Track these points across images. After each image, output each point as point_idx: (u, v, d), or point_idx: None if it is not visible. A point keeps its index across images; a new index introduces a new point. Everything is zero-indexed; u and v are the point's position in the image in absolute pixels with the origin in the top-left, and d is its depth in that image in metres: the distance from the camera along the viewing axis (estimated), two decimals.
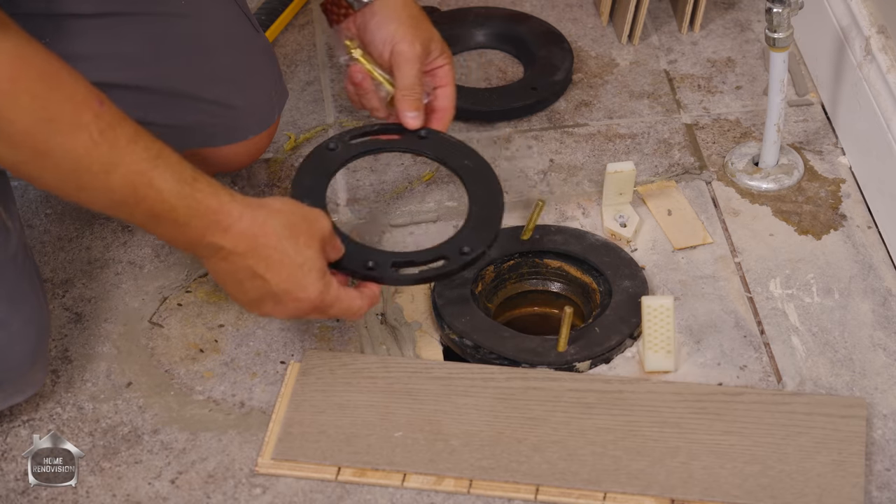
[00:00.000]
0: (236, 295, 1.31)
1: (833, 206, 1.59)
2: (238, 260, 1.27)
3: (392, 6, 1.46)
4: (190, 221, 1.24)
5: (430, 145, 1.47)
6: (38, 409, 1.39)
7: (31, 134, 1.15)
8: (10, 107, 1.13)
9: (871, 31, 1.59)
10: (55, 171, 1.18)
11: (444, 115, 1.49)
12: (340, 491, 1.32)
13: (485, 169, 1.45)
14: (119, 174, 1.20)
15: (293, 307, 1.30)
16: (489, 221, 1.41)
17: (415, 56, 1.44)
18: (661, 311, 1.38)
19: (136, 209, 1.22)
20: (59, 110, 1.16)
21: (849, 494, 1.28)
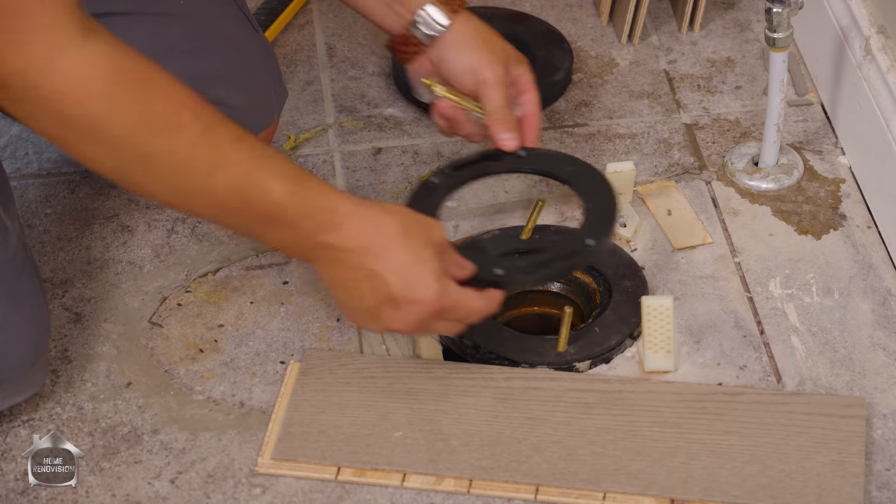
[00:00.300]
0: (353, 303, 1.26)
1: (833, 206, 1.59)
2: (352, 259, 1.23)
3: (463, 35, 1.46)
4: (300, 222, 1.22)
5: (531, 161, 1.47)
6: (38, 409, 1.39)
7: (130, 136, 1.14)
8: (108, 109, 1.13)
9: (871, 31, 1.59)
10: (158, 174, 1.16)
11: (532, 120, 1.48)
12: (340, 491, 1.32)
13: (589, 169, 1.46)
14: (224, 175, 1.18)
15: (412, 312, 1.26)
16: (605, 214, 1.41)
17: (499, 80, 1.45)
18: (660, 310, 1.38)
19: (245, 213, 1.20)
20: (157, 111, 1.15)
21: (848, 494, 1.28)
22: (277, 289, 1.51)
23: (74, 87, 1.11)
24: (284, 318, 1.48)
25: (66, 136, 1.14)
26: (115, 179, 1.19)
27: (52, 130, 1.14)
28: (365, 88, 1.75)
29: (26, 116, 1.14)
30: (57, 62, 1.10)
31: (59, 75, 1.10)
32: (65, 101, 1.11)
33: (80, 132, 1.13)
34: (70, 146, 1.16)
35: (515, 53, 1.48)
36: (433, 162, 1.65)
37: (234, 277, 1.52)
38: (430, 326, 1.29)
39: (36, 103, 1.12)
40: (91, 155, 1.16)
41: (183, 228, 1.57)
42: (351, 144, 1.68)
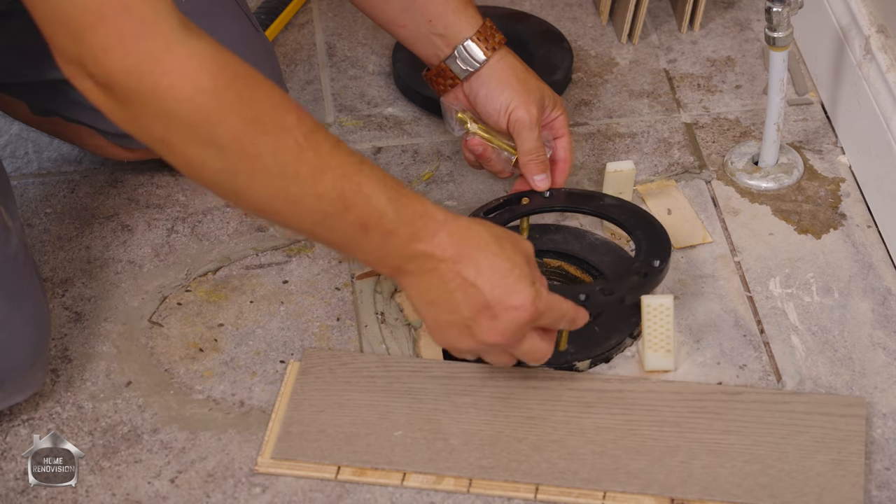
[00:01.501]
0: (447, 317, 1.24)
1: (833, 206, 1.59)
2: (447, 268, 1.22)
3: (499, 74, 1.48)
4: (398, 229, 1.21)
5: (561, 200, 1.50)
6: (38, 409, 1.39)
7: (238, 135, 1.12)
8: (216, 105, 1.11)
9: (871, 31, 1.59)
10: (264, 177, 1.15)
11: (563, 165, 1.51)
12: (340, 490, 1.32)
13: (620, 201, 1.48)
14: (327, 180, 1.16)
15: (508, 320, 1.24)
16: (660, 237, 1.43)
17: (532, 121, 1.46)
18: (660, 310, 1.38)
19: (344, 219, 1.18)
20: (262, 111, 1.13)
21: (848, 493, 1.28)
22: (277, 288, 1.51)
23: (183, 82, 1.09)
24: (284, 317, 1.48)
25: (173, 137, 1.12)
26: (219, 186, 1.16)
27: (159, 132, 1.12)
28: (365, 88, 1.75)
29: (131, 119, 1.12)
30: (164, 58, 1.09)
31: (166, 71, 1.09)
32: (174, 97, 1.09)
33: (188, 131, 1.11)
34: (176, 149, 1.13)
35: (552, 94, 1.50)
36: (433, 161, 1.65)
37: (234, 277, 1.52)
38: (523, 340, 1.27)
39: (143, 103, 1.10)
40: (198, 158, 1.13)
41: (183, 228, 1.57)
42: (351, 144, 1.68)
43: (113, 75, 1.09)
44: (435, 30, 1.48)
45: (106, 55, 1.08)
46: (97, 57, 1.08)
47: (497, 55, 1.48)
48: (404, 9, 1.49)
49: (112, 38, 1.08)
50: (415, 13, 1.49)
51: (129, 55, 1.08)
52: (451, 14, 1.48)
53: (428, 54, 1.50)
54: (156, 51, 1.09)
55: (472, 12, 1.48)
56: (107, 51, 1.08)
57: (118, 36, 1.08)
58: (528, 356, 1.29)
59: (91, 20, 1.07)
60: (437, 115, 1.70)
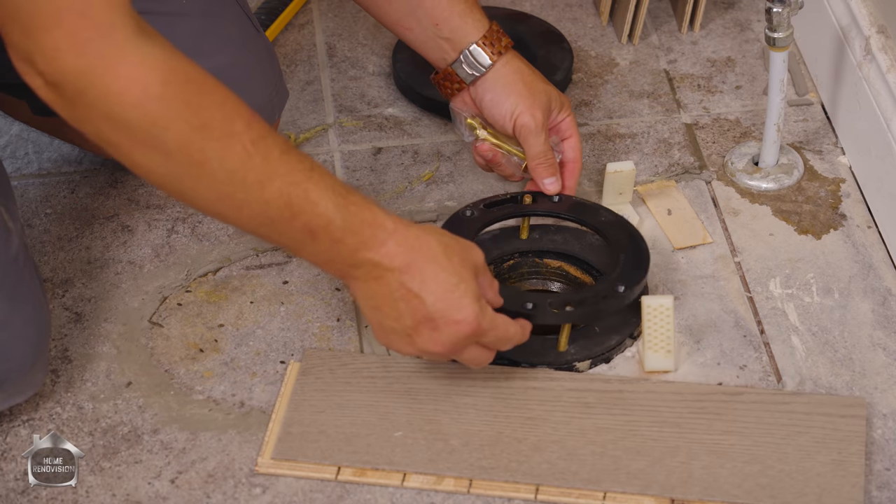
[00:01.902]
0: (390, 324, 1.26)
1: (833, 206, 1.59)
2: (392, 278, 1.23)
3: (505, 78, 1.48)
4: (345, 237, 1.21)
5: (565, 207, 1.49)
6: (38, 409, 1.39)
7: (185, 142, 1.13)
8: (164, 112, 1.11)
9: (871, 31, 1.59)
10: (210, 183, 1.15)
11: (573, 166, 1.51)
12: (340, 491, 1.32)
13: (622, 221, 1.48)
14: (275, 186, 1.17)
15: (449, 333, 1.25)
16: (641, 263, 1.43)
17: (538, 126, 1.46)
18: (660, 310, 1.38)
19: (292, 225, 1.19)
20: (211, 117, 1.14)
21: (848, 494, 1.28)
22: (277, 288, 1.51)
23: (132, 87, 1.10)
24: (284, 317, 1.48)
25: (120, 140, 1.13)
26: (165, 188, 1.18)
27: (106, 133, 1.13)
28: (365, 88, 1.75)
29: (79, 119, 1.13)
30: (115, 64, 1.09)
31: (116, 76, 1.09)
32: (122, 102, 1.10)
33: (135, 136, 1.12)
34: (122, 152, 1.14)
35: (559, 96, 1.50)
36: (433, 162, 1.65)
37: (234, 277, 1.52)
38: (464, 350, 1.29)
39: (92, 104, 1.11)
40: (143, 161, 1.14)
41: (183, 228, 1.57)
42: (351, 144, 1.68)
43: (63, 75, 1.09)
44: (441, 33, 1.48)
45: (58, 55, 1.09)
46: (48, 56, 1.09)
47: (503, 59, 1.48)
48: (410, 12, 1.49)
49: (66, 40, 1.08)
50: (421, 16, 1.49)
51: (81, 58, 1.09)
52: (457, 18, 1.48)
53: (435, 58, 1.50)
54: (108, 56, 1.09)
55: (478, 15, 1.48)
56: (59, 51, 1.09)
57: (72, 39, 1.08)
58: (470, 363, 1.31)
59: (46, 21, 1.08)
60: (437, 116, 1.70)
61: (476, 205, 1.49)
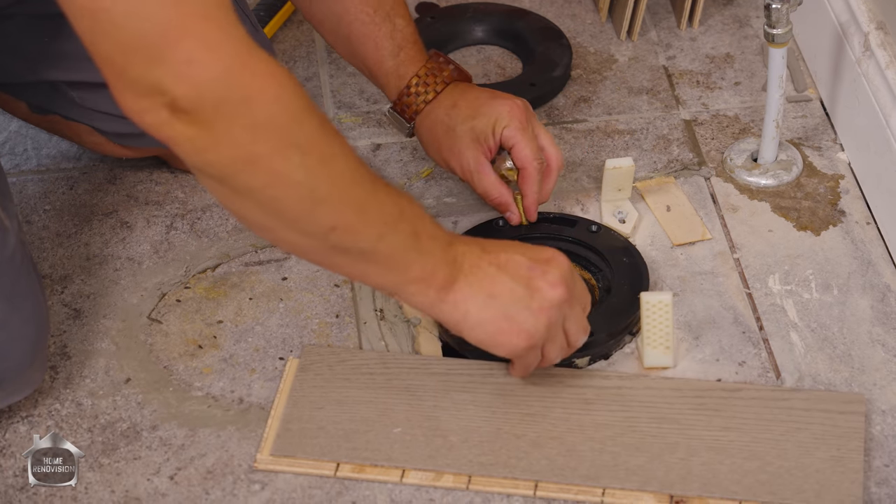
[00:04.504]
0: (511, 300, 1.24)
1: (832, 202, 1.59)
2: (481, 258, 1.24)
3: (425, 136, 1.49)
4: (437, 234, 1.22)
5: (600, 240, 1.50)
6: (37, 406, 1.39)
7: (317, 136, 1.11)
8: (298, 105, 1.09)
9: (870, 28, 1.59)
10: (341, 183, 1.13)
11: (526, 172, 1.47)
12: (339, 487, 1.32)
13: (640, 268, 1.47)
14: (381, 186, 1.17)
15: (554, 268, 1.25)
16: (620, 315, 1.42)
17: (472, 170, 1.46)
18: (659, 307, 1.38)
19: (399, 227, 1.18)
20: (322, 113, 1.13)
21: (847, 490, 1.28)
22: (276, 285, 1.51)
23: (270, 83, 1.07)
24: (283, 314, 1.48)
25: (261, 147, 1.08)
26: (300, 200, 1.12)
27: (245, 148, 1.08)
28: (364, 84, 1.75)
29: (213, 142, 1.07)
30: (250, 61, 1.06)
31: (254, 73, 1.06)
32: (264, 99, 1.07)
33: (278, 135, 1.09)
34: (262, 163, 1.09)
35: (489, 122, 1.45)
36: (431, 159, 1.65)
37: (233, 273, 1.52)
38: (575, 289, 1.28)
39: (233, 113, 1.06)
40: (281, 168, 1.10)
41: (182, 225, 1.57)
42: (350, 140, 1.68)
43: (200, 88, 1.05)
44: (376, 84, 1.50)
45: (192, 67, 1.04)
46: (182, 72, 1.04)
47: (422, 115, 1.48)
48: (352, 55, 1.49)
49: (198, 48, 1.04)
50: (359, 62, 1.50)
51: (217, 62, 1.05)
52: (383, 75, 1.48)
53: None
54: (242, 55, 1.06)
55: (406, 66, 1.47)
56: (192, 63, 1.04)
57: (204, 45, 1.04)
58: (580, 320, 1.30)
59: (175, 35, 1.03)
60: None
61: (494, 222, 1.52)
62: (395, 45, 1.47)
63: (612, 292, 1.45)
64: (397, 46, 1.47)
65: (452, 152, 1.47)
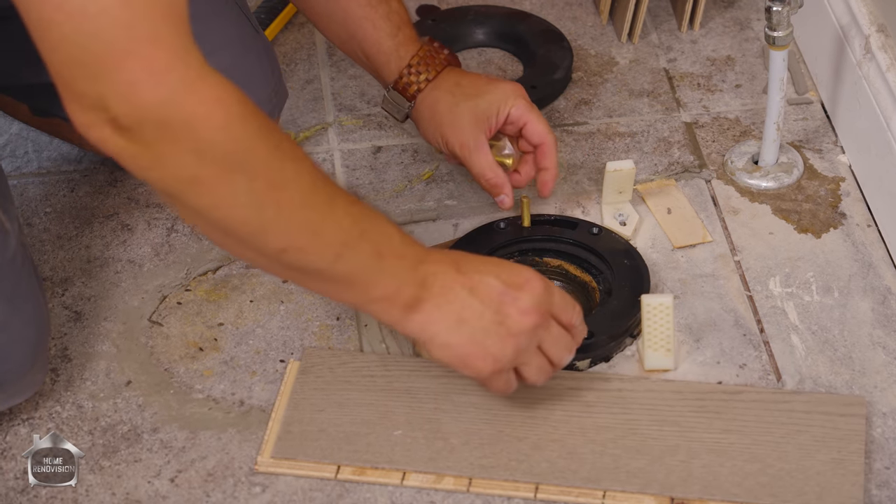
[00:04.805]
0: (479, 325, 1.22)
1: (833, 205, 1.59)
2: (454, 279, 1.22)
3: (425, 113, 1.49)
4: (406, 252, 1.20)
5: (601, 243, 1.50)
6: (38, 408, 1.39)
7: (267, 163, 1.09)
8: (247, 132, 1.08)
9: (871, 30, 1.59)
10: (289, 207, 1.12)
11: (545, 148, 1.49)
12: (340, 489, 1.32)
13: (641, 271, 1.47)
14: (341, 206, 1.15)
15: (528, 294, 1.23)
16: (620, 317, 1.42)
17: (470, 149, 1.47)
18: (660, 309, 1.38)
19: (361, 247, 1.17)
20: (280, 138, 1.11)
21: (848, 493, 1.28)
22: (277, 287, 1.51)
23: (217, 110, 1.06)
24: (284, 316, 1.48)
25: (205, 172, 1.08)
26: (244, 225, 1.11)
27: (188, 170, 1.07)
28: (365, 87, 1.75)
29: (156, 162, 1.07)
30: (198, 87, 1.05)
31: (201, 100, 1.05)
32: (209, 126, 1.05)
33: (222, 162, 1.07)
34: (206, 187, 1.09)
35: (493, 100, 1.47)
36: (432, 160, 1.65)
37: (233, 276, 1.52)
38: (550, 320, 1.26)
39: (176, 137, 1.05)
40: (227, 193, 1.09)
41: (183, 227, 1.57)
42: (351, 143, 1.68)
43: (143, 111, 1.04)
44: (372, 68, 1.50)
45: (134, 90, 1.03)
46: (124, 93, 1.03)
47: (423, 94, 1.48)
48: (348, 39, 1.49)
49: (142, 71, 1.03)
50: (355, 47, 1.50)
51: (161, 86, 1.04)
52: (382, 55, 1.48)
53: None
54: (188, 81, 1.05)
55: (404, 49, 1.48)
56: (135, 85, 1.03)
57: (149, 69, 1.03)
58: (561, 341, 1.28)
59: (119, 56, 1.03)
60: None
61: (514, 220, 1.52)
62: (393, 26, 1.48)
63: (612, 295, 1.45)
64: (395, 27, 1.48)
65: (454, 128, 1.47)
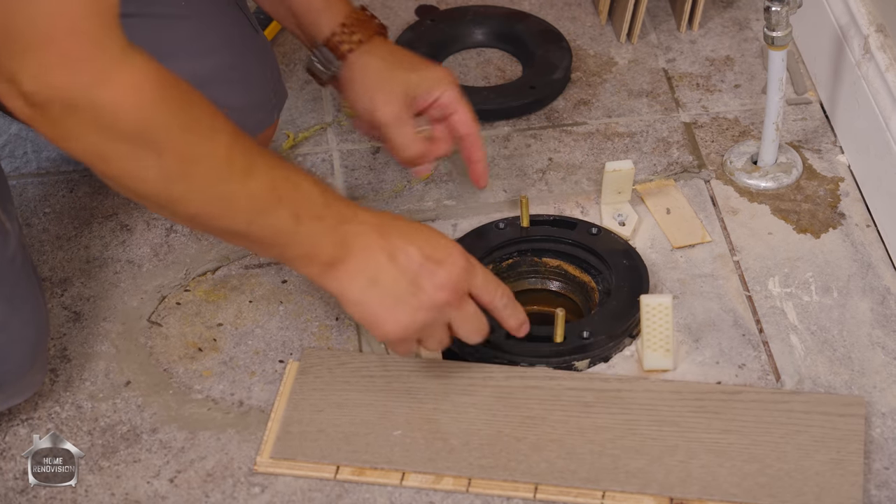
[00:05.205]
0: (393, 289, 1.25)
1: (832, 205, 1.59)
2: (376, 241, 1.25)
3: (356, 75, 1.46)
4: (325, 214, 1.23)
5: (600, 243, 1.50)
6: (37, 409, 1.39)
7: (177, 140, 1.13)
8: (160, 114, 1.12)
9: (870, 30, 1.59)
10: (200, 180, 1.16)
11: (470, 139, 1.48)
12: (339, 490, 1.32)
13: (640, 271, 1.47)
14: (259, 174, 1.19)
15: (448, 269, 1.26)
16: (619, 317, 1.43)
17: (393, 120, 1.45)
18: (659, 309, 1.38)
19: (277, 213, 1.20)
20: (199, 115, 1.15)
21: (847, 493, 1.28)
22: (276, 288, 1.51)
23: (128, 95, 1.10)
24: (283, 316, 1.48)
25: (111, 150, 1.12)
26: (155, 196, 1.17)
27: (95, 147, 1.12)
28: None
29: (64, 136, 1.12)
30: (109, 75, 1.09)
31: (111, 86, 1.09)
32: (116, 109, 1.10)
33: (129, 142, 1.12)
34: (112, 163, 1.14)
35: (426, 79, 1.46)
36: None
37: (232, 276, 1.52)
38: (466, 299, 1.29)
39: (82, 119, 1.10)
40: (135, 168, 1.14)
41: (182, 227, 1.57)
42: (350, 143, 1.68)
43: (51, 92, 1.08)
44: (300, 26, 1.49)
45: (47, 74, 1.08)
46: (36, 76, 1.08)
47: (356, 54, 1.46)
48: (279, 2, 1.49)
49: (56, 59, 1.07)
50: (285, 8, 1.49)
51: (73, 75, 1.08)
52: (312, 13, 1.47)
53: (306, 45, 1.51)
54: (102, 71, 1.09)
55: (336, 9, 1.47)
56: (49, 70, 1.08)
57: (63, 58, 1.07)
58: (471, 322, 1.30)
59: (34, 42, 1.07)
60: None
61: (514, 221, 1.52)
62: None
63: (612, 295, 1.45)
64: None
65: (385, 95, 1.45)
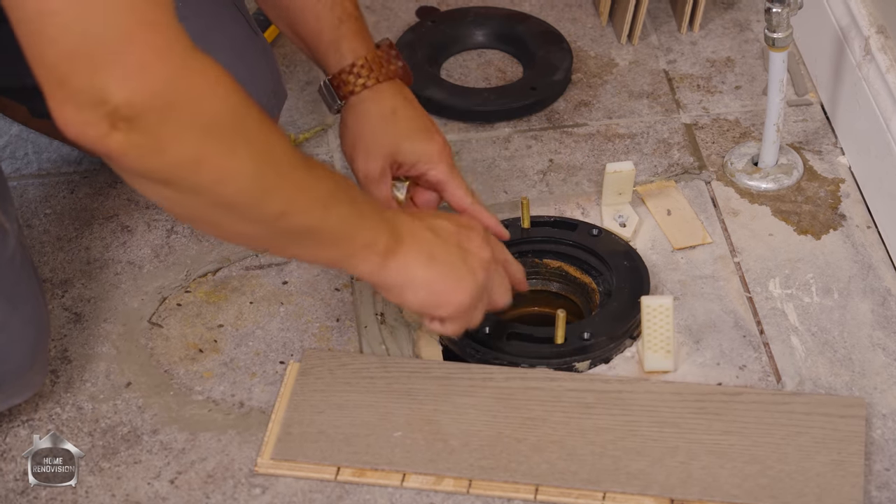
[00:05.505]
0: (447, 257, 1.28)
1: (832, 206, 1.59)
2: (414, 223, 1.27)
3: (351, 119, 1.44)
4: (371, 199, 1.27)
5: (601, 244, 1.50)
6: (38, 410, 1.39)
7: (260, 130, 1.12)
8: (242, 102, 1.10)
9: (871, 31, 1.59)
10: (282, 169, 1.15)
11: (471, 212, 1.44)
12: (340, 491, 1.32)
13: (641, 272, 1.47)
14: (314, 164, 1.19)
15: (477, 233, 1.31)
16: (620, 318, 1.43)
17: (369, 177, 1.42)
18: (660, 310, 1.38)
19: (340, 196, 1.20)
20: (259, 107, 1.14)
21: (848, 494, 1.28)
22: (277, 289, 1.51)
23: (217, 85, 1.08)
24: (284, 318, 1.48)
25: (208, 149, 1.09)
26: (246, 194, 1.13)
27: (190, 151, 1.08)
28: None
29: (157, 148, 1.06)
30: (195, 62, 1.06)
31: (203, 75, 1.07)
32: (213, 99, 1.08)
33: (224, 134, 1.09)
34: (209, 164, 1.10)
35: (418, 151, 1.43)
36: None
37: (233, 277, 1.52)
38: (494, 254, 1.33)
39: (181, 117, 1.06)
40: (229, 164, 1.11)
41: (182, 229, 1.57)
42: None
43: (149, 93, 1.04)
44: (313, 55, 1.46)
45: (142, 72, 1.03)
46: (131, 76, 1.03)
47: (357, 98, 1.42)
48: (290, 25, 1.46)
49: (148, 53, 1.03)
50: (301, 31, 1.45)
51: (165, 67, 1.04)
52: (322, 45, 1.44)
53: None
54: (188, 58, 1.06)
55: (347, 48, 1.43)
56: (143, 67, 1.03)
57: (153, 50, 1.04)
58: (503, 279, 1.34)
59: (124, 40, 1.02)
60: (435, 116, 1.70)
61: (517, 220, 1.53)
62: (336, 18, 1.44)
63: (612, 296, 1.45)
64: (338, 19, 1.44)
65: (367, 154, 1.42)
